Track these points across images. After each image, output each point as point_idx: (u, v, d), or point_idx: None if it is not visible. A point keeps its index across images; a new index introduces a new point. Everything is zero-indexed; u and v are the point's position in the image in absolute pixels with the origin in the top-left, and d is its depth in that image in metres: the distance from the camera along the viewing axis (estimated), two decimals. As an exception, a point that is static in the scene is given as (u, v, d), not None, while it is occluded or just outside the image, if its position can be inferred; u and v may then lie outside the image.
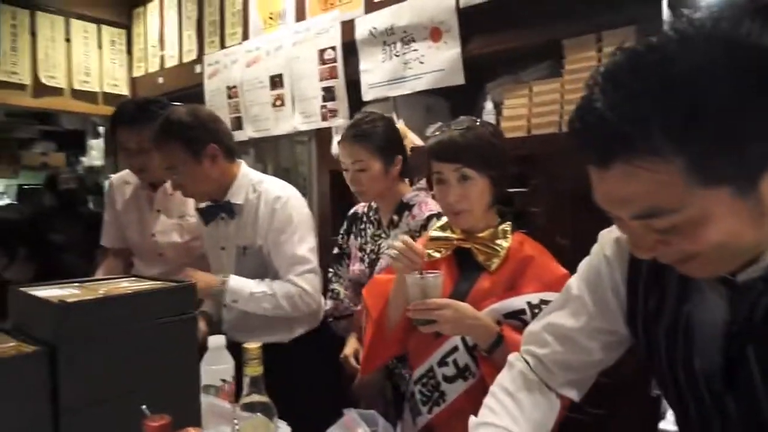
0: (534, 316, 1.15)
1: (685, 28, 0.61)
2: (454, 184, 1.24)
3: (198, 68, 3.15)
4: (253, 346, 0.93)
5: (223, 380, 1.27)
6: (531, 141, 1.78)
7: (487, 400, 0.95)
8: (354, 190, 1.75)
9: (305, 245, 1.72)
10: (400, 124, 1.90)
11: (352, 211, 1.94)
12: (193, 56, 3.21)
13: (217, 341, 1.29)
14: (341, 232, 1.95)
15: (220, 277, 1.68)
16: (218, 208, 1.75)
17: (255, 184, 1.75)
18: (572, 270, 1.21)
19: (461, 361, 1.22)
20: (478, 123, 1.29)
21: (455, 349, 1.23)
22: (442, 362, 1.23)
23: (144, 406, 0.84)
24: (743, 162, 0.60)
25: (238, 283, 1.67)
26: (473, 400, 1.17)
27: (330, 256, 1.95)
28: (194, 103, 3.08)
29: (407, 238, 1.21)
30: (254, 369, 0.93)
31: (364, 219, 1.85)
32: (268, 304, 1.67)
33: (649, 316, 0.81)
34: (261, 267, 1.72)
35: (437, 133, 1.28)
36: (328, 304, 1.89)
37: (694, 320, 0.76)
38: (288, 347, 1.73)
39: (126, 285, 1.08)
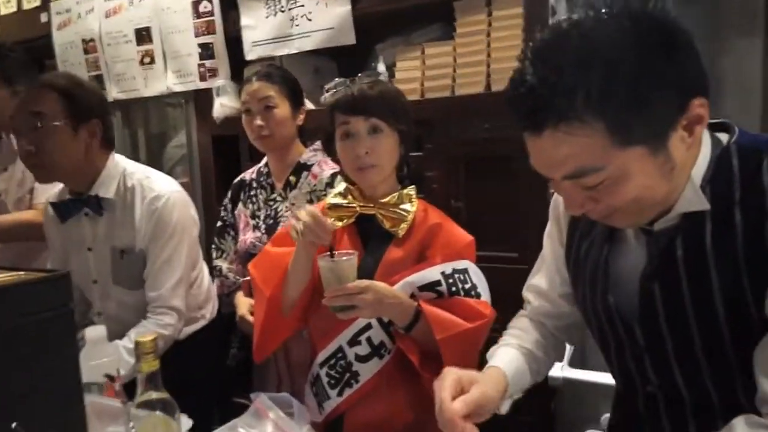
0: (449, 286, 1.14)
1: (599, 7, 0.70)
2: (363, 136, 1.17)
3: (44, 17, 2.72)
4: (146, 339, 0.83)
5: (107, 375, 1.14)
6: (425, 104, 1.78)
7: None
8: (256, 136, 1.65)
9: (183, 249, 1.49)
10: None
11: (238, 179, 1.82)
12: (37, 2, 2.75)
13: (95, 332, 1.15)
14: (224, 202, 1.83)
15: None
16: (81, 203, 1.47)
17: (126, 176, 1.49)
18: (471, 233, 1.25)
19: (376, 339, 1.16)
20: (383, 77, 1.25)
21: (368, 326, 1.16)
22: (354, 341, 1.16)
23: (15, 424, 0.71)
24: (653, 123, 0.69)
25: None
26: (389, 378, 1.17)
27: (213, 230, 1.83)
28: (42, 58, 2.69)
29: (313, 209, 1.12)
30: (150, 364, 0.84)
31: (254, 185, 1.75)
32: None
33: (579, 259, 0.92)
34: (140, 273, 1.47)
35: (339, 88, 1.20)
36: (214, 284, 1.77)
37: (612, 264, 0.86)
38: (184, 343, 1.55)
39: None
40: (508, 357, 0.97)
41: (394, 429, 1.18)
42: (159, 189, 1.48)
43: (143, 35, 2.39)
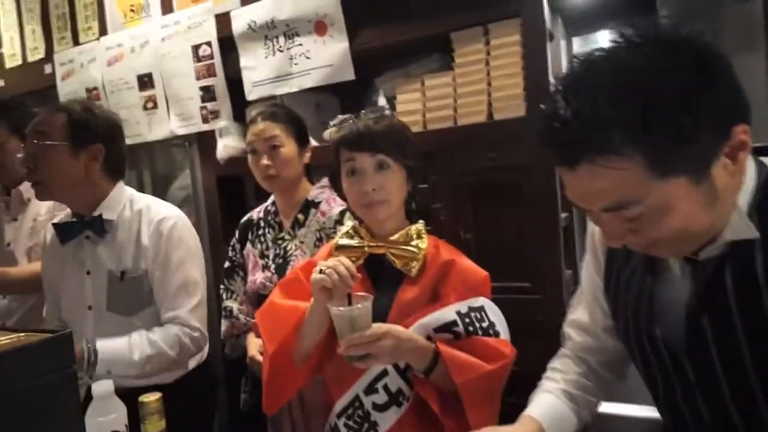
0: (466, 326, 1.10)
1: (630, 35, 0.68)
2: (370, 173, 1.15)
3: (48, 68, 2.76)
4: (151, 399, 0.81)
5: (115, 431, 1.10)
6: (427, 136, 1.77)
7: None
8: (263, 176, 1.64)
9: (196, 272, 1.52)
10: None
11: (245, 218, 1.81)
12: (41, 54, 2.80)
13: (103, 387, 1.11)
14: (232, 243, 1.81)
15: (83, 345, 1.36)
16: (83, 225, 1.49)
17: (133, 201, 1.54)
18: (481, 265, 1.22)
19: (393, 386, 1.10)
20: (388, 112, 1.24)
21: (384, 373, 1.11)
22: (371, 389, 1.11)
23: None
24: (694, 154, 0.67)
25: (108, 351, 1.37)
26: (409, 427, 1.11)
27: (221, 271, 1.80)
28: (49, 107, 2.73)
29: (344, 259, 1.06)
30: (155, 425, 0.81)
31: (262, 224, 1.73)
32: (151, 366, 1.41)
33: (619, 290, 0.90)
34: (139, 296, 1.47)
35: (345, 123, 1.19)
36: (223, 325, 1.74)
37: (657, 293, 0.84)
38: (169, 387, 1.45)
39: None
40: (544, 404, 0.93)
41: None
42: (166, 213, 1.52)
43: (145, 81, 2.41)
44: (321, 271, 1.04)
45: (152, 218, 1.49)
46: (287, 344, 1.13)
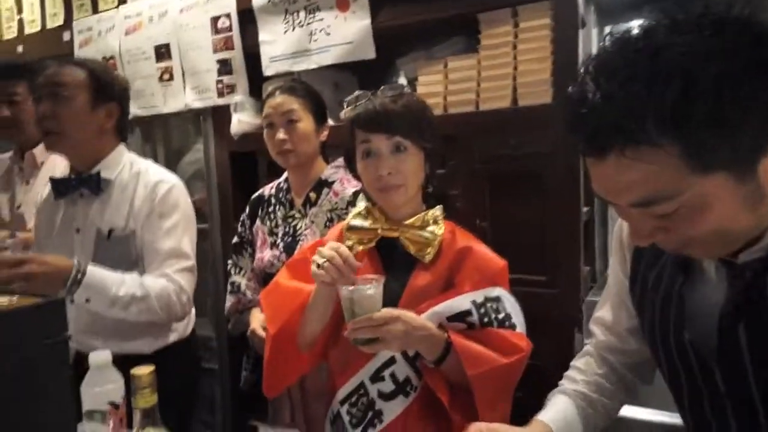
0: (481, 316, 1.05)
1: (675, 12, 0.61)
2: (386, 155, 1.09)
3: (66, 35, 2.73)
4: (144, 371, 0.77)
5: (112, 403, 1.07)
6: (447, 120, 1.70)
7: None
8: (278, 151, 1.59)
9: (187, 239, 1.50)
10: None
11: (256, 194, 1.77)
12: (60, 21, 2.77)
13: (100, 357, 1.08)
14: (242, 218, 1.77)
15: (74, 261, 1.34)
16: (80, 182, 1.49)
17: (133, 163, 1.54)
18: (496, 253, 1.16)
19: (400, 375, 1.06)
20: (407, 90, 1.16)
21: (392, 360, 1.06)
22: (377, 377, 1.06)
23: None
24: (739, 147, 0.59)
25: (96, 276, 1.34)
26: (415, 418, 1.06)
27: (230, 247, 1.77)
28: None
29: (340, 245, 1.02)
30: (147, 400, 0.77)
31: (273, 201, 1.69)
32: (136, 308, 1.38)
33: (645, 290, 0.83)
34: (125, 257, 1.45)
35: (361, 101, 1.12)
36: (229, 300, 1.71)
37: (687, 295, 0.77)
38: (151, 358, 1.42)
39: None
40: (556, 408, 0.88)
41: None
42: (164, 176, 1.52)
43: (162, 52, 2.38)
44: (319, 266, 1.00)
45: (149, 180, 1.49)
46: (289, 326, 1.10)
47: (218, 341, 2.38)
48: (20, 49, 2.95)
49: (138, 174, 1.50)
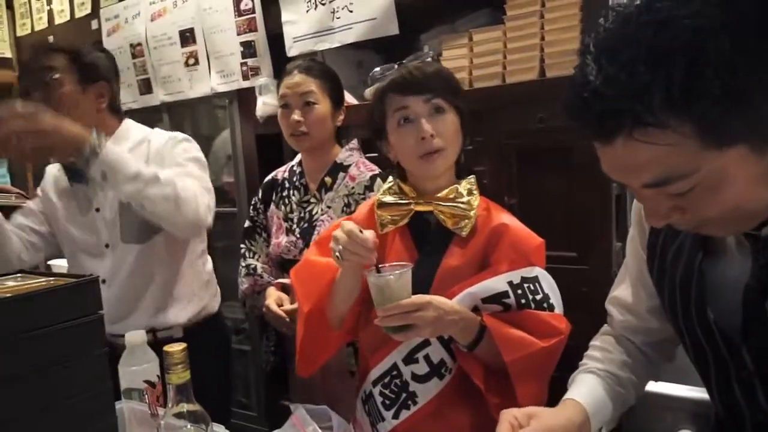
0: (518, 298, 1.01)
1: None
2: (426, 118, 1.05)
3: (94, 24, 2.78)
4: (176, 348, 0.78)
5: (148, 381, 1.10)
6: (473, 94, 1.67)
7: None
8: (292, 132, 1.55)
9: (205, 177, 1.50)
10: None
11: (269, 177, 1.72)
12: (87, 10, 2.82)
13: (135, 337, 1.11)
14: (254, 202, 1.73)
15: (92, 131, 1.28)
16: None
17: (144, 135, 1.54)
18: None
19: (435, 357, 1.02)
20: (431, 57, 1.15)
21: (426, 343, 1.03)
22: (410, 359, 1.03)
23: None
24: (756, 117, 0.56)
25: (115, 152, 1.29)
26: (451, 400, 1.04)
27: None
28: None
29: (352, 226, 0.97)
30: (180, 376, 0.78)
31: (287, 185, 1.65)
32: (158, 190, 1.29)
33: (664, 267, 0.80)
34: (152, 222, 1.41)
35: (388, 72, 1.12)
36: (245, 283, 1.66)
37: (709, 271, 0.74)
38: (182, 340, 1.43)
39: (13, 284, 0.88)
40: (585, 387, 0.86)
41: None
42: (175, 134, 1.53)
43: (187, 36, 2.39)
44: (336, 252, 0.97)
45: (160, 140, 1.50)
46: (322, 303, 1.08)
47: (250, 323, 2.42)
48: (51, 39, 3.02)
49: (148, 137, 1.51)
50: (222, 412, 1.60)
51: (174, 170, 1.40)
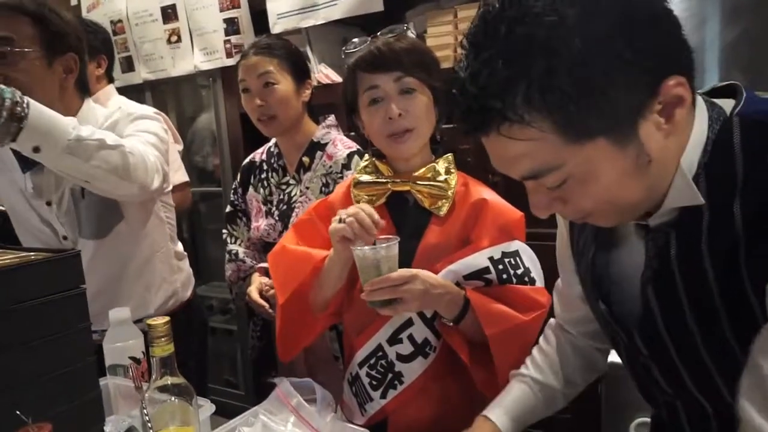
0: (499, 273, 1.01)
1: None
2: (395, 97, 1.02)
3: (74, 0, 2.72)
4: (159, 321, 0.78)
5: (133, 357, 1.10)
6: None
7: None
8: (258, 117, 1.48)
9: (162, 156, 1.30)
10: None
11: (246, 160, 1.67)
12: (66, -15, 2.76)
13: (120, 314, 1.11)
14: (234, 185, 1.68)
15: (7, 88, 1.00)
16: None
17: (108, 113, 1.32)
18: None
19: (419, 336, 1.02)
20: (410, 33, 1.09)
21: (409, 323, 1.02)
22: (394, 339, 1.02)
23: (18, 412, 0.67)
24: (612, 113, 0.57)
25: (46, 114, 1.03)
26: (437, 377, 1.04)
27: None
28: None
29: (366, 206, 0.97)
30: (164, 348, 0.78)
31: (265, 167, 1.60)
32: (105, 154, 1.10)
33: (581, 254, 0.81)
34: (107, 206, 1.28)
35: (360, 46, 1.05)
36: (229, 269, 1.64)
37: (612, 260, 0.75)
38: None
39: (-7, 259, 0.87)
40: (509, 397, 0.91)
41: (446, 429, 1.04)
42: (135, 109, 1.34)
43: (169, 13, 2.35)
44: (341, 220, 0.96)
45: (122, 116, 1.31)
46: (300, 293, 1.07)
47: (236, 304, 2.43)
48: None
49: (117, 120, 1.30)
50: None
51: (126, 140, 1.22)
